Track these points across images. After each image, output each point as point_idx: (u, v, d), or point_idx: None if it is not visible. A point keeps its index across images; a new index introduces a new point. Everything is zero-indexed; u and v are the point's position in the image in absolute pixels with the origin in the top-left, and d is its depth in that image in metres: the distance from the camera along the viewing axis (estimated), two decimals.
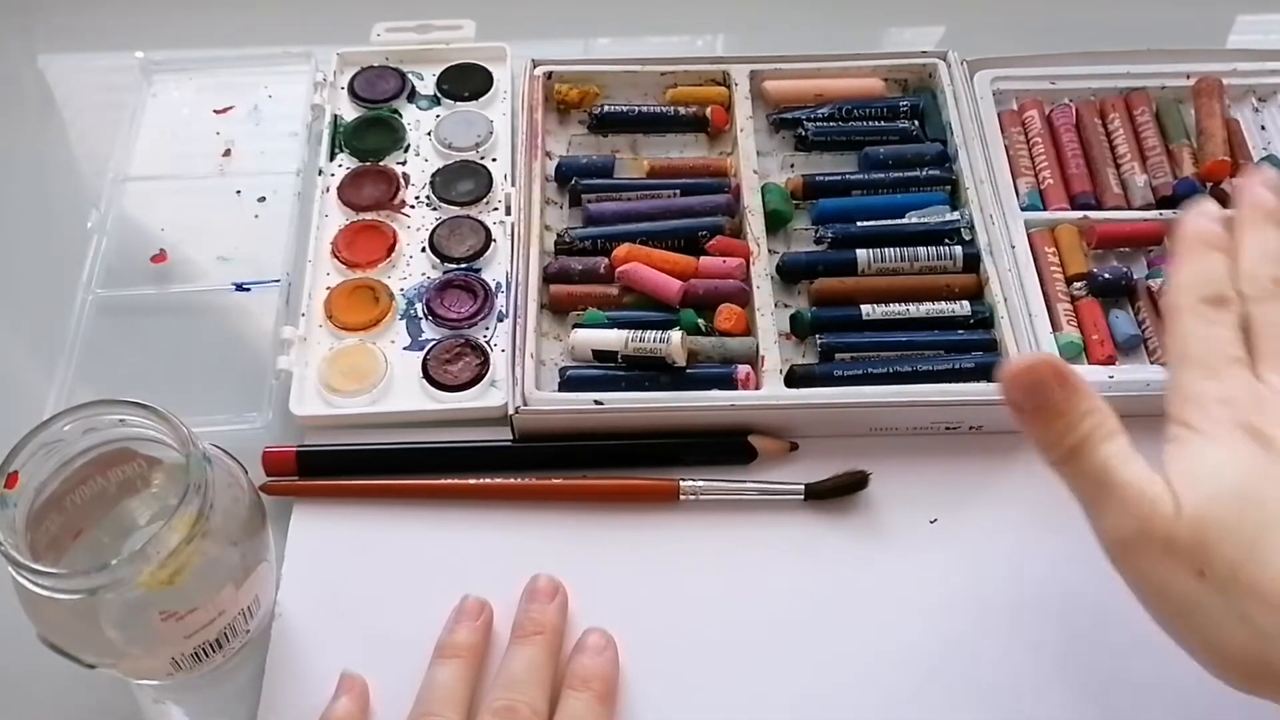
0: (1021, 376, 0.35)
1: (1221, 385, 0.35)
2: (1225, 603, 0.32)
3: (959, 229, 0.52)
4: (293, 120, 0.59)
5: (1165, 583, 0.33)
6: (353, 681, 0.41)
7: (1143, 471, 0.34)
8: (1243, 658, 0.32)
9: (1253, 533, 0.32)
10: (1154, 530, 0.32)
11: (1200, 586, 0.32)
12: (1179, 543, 0.32)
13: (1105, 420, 0.35)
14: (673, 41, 0.67)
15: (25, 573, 0.34)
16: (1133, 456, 0.34)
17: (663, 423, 0.47)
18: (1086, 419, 0.34)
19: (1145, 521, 0.33)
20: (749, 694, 0.42)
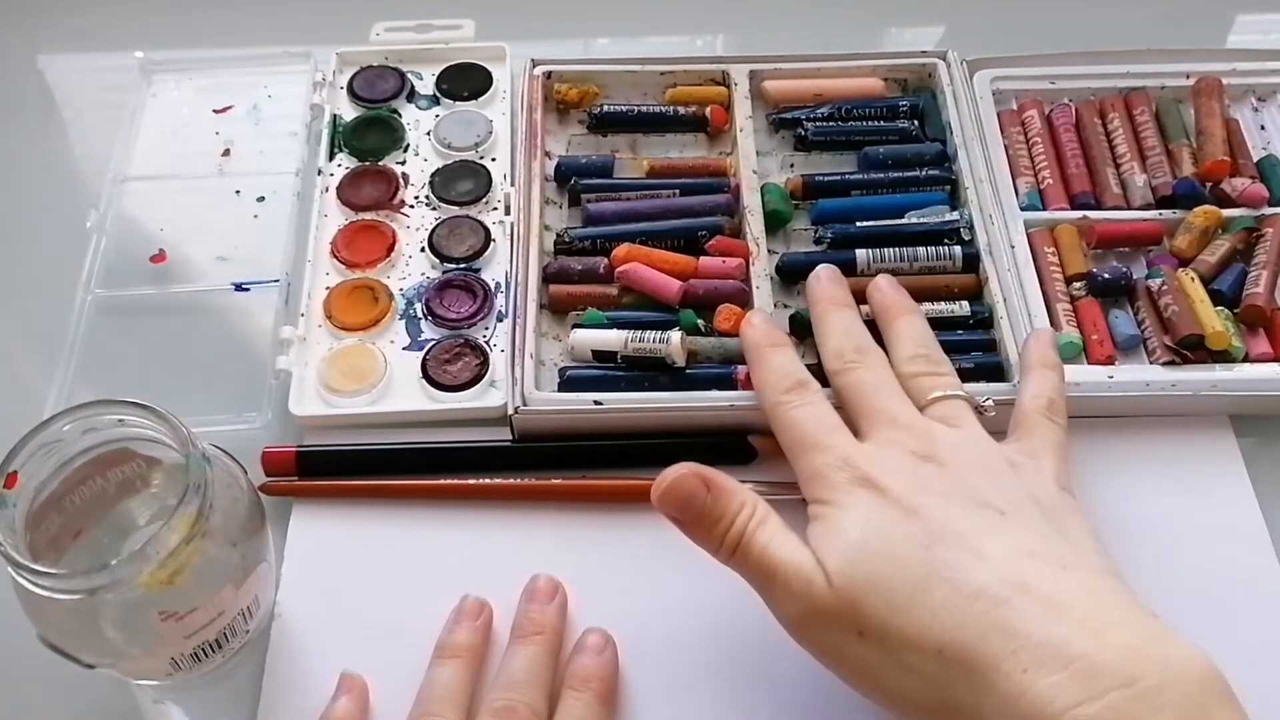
0: (670, 494, 0.38)
1: (832, 454, 0.39)
2: (887, 657, 0.34)
3: (958, 229, 0.52)
4: (292, 120, 0.59)
5: (836, 648, 0.36)
6: (352, 681, 0.41)
7: (796, 551, 0.37)
8: (920, 703, 0.34)
9: (888, 584, 0.35)
10: (813, 604, 0.36)
11: (864, 646, 0.35)
12: (834, 611, 0.35)
13: (756, 509, 0.38)
14: (672, 41, 0.67)
15: (25, 573, 0.34)
16: (786, 538, 0.37)
17: (663, 423, 0.47)
18: (739, 515, 0.38)
19: (805, 598, 0.36)
20: (749, 694, 0.42)
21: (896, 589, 0.34)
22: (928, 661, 0.33)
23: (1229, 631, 0.43)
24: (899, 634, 0.34)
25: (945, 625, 0.33)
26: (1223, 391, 0.48)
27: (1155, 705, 0.30)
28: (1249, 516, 0.46)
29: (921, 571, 0.34)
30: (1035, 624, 0.32)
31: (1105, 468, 0.48)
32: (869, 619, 0.35)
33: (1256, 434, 0.48)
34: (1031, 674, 0.31)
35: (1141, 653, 0.31)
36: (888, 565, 0.35)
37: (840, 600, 0.35)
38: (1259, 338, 0.49)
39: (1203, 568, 0.45)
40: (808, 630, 0.37)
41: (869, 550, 0.35)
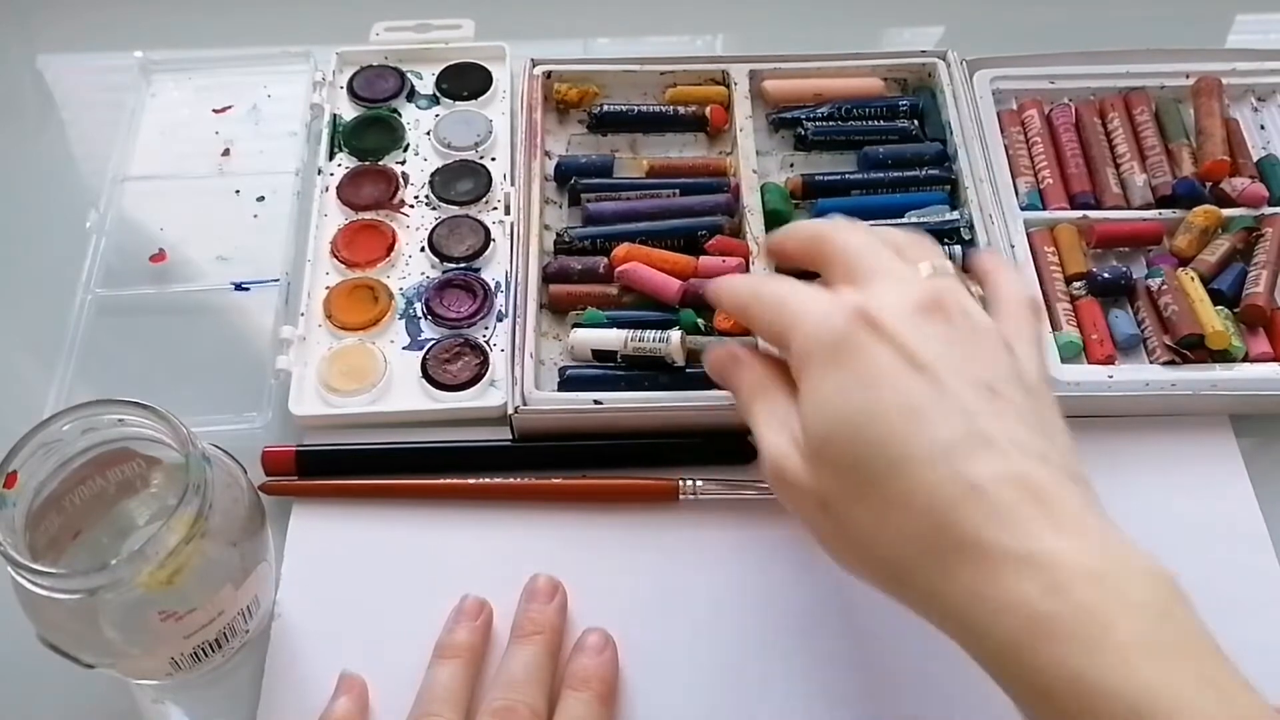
0: (711, 368, 0.43)
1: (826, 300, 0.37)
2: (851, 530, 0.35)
3: (958, 228, 0.52)
4: (292, 120, 0.59)
5: (808, 518, 0.37)
6: (352, 681, 0.41)
7: (779, 430, 0.37)
8: (884, 577, 0.35)
9: (866, 461, 0.34)
10: (784, 481, 0.36)
11: (830, 518, 0.35)
12: (806, 488, 0.35)
13: (760, 381, 0.39)
14: (672, 41, 0.67)
15: (24, 573, 0.34)
16: (771, 415, 0.38)
17: (662, 423, 0.47)
18: (744, 387, 0.40)
19: (777, 478, 0.37)
20: (749, 693, 0.42)
21: (869, 462, 0.33)
22: (893, 541, 0.33)
23: (1229, 631, 0.43)
24: (865, 515, 0.34)
25: (918, 507, 0.32)
26: (1223, 391, 0.48)
27: (1118, 601, 0.30)
28: (1249, 516, 0.46)
29: (903, 448, 0.33)
30: (1011, 514, 0.31)
31: (1105, 468, 0.47)
32: (838, 496, 0.34)
33: (1256, 434, 0.48)
34: (1002, 563, 0.30)
35: (1110, 553, 0.31)
36: (865, 435, 0.33)
37: (812, 478, 0.35)
38: (1259, 337, 0.49)
39: (1203, 568, 0.45)
40: (785, 499, 0.37)
41: (848, 420, 0.34)
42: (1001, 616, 0.30)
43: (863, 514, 0.34)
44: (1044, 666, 0.29)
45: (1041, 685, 0.29)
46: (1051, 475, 0.32)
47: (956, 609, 0.31)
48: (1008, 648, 0.30)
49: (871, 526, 0.33)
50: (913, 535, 0.32)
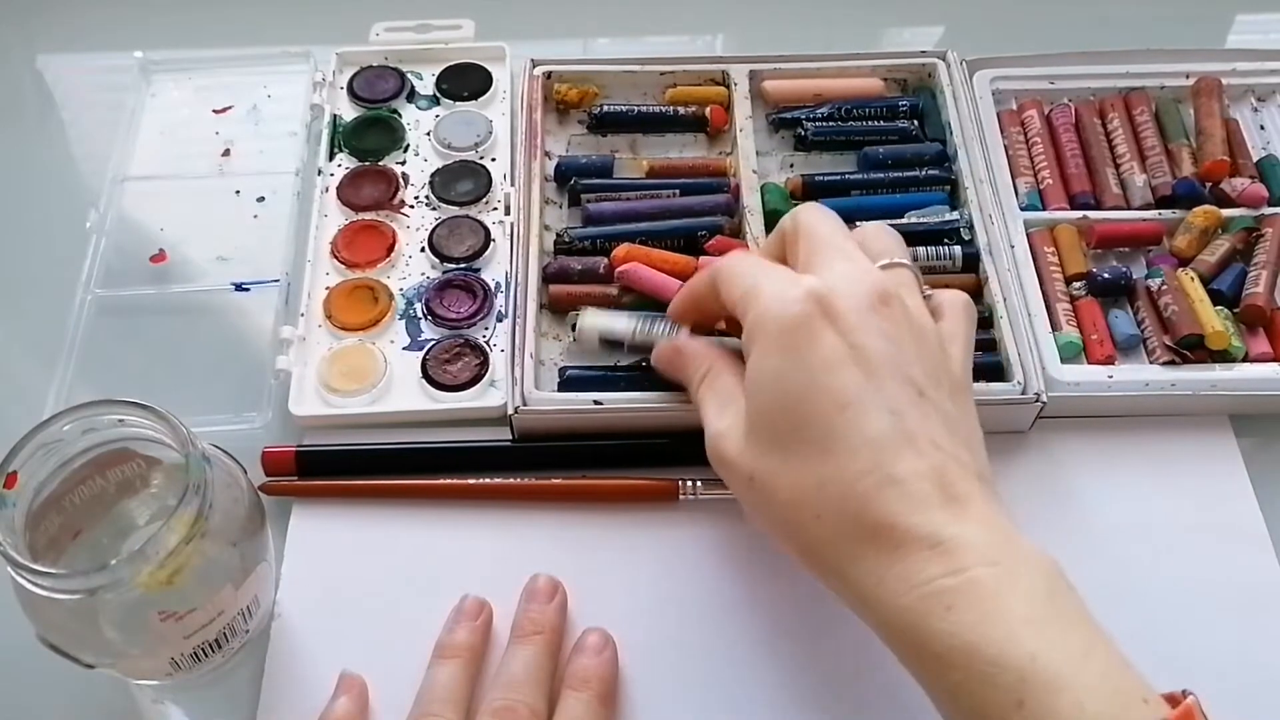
0: (659, 359, 0.45)
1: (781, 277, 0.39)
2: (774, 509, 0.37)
3: (958, 229, 0.52)
4: (292, 120, 0.59)
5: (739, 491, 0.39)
6: (352, 681, 0.41)
7: (718, 415, 0.39)
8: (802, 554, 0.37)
9: (789, 441, 0.36)
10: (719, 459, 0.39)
11: (754, 493, 0.37)
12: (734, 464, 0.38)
13: (710, 368, 0.41)
14: (672, 41, 0.67)
15: (24, 573, 0.34)
16: (713, 399, 0.40)
17: (663, 423, 0.47)
18: (695, 375, 0.42)
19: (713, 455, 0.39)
20: (748, 693, 0.42)
21: (798, 443, 0.36)
22: (811, 521, 0.35)
23: (1229, 631, 0.43)
24: (787, 492, 0.36)
25: (838, 492, 0.35)
26: (1222, 391, 0.48)
27: (1011, 583, 0.32)
28: (1249, 516, 0.46)
29: (832, 435, 0.35)
30: (923, 503, 0.34)
31: (1105, 468, 0.48)
32: (765, 471, 0.36)
33: (1256, 434, 0.48)
34: (904, 550, 0.33)
35: (1004, 543, 0.33)
36: (797, 417, 0.36)
37: (744, 454, 0.37)
38: (1259, 337, 0.49)
39: (1203, 568, 0.45)
40: (721, 474, 0.39)
41: (784, 401, 0.36)
42: (905, 593, 0.33)
43: (786, 489, 0.36)
44: (940, 637, 0.32)
45: (937, 654, 0.32)
46: (963, 474, 0.35)
47: (863, 587, 0.34)
48: (909, 622, 0.33)
49: (793, 502, 0.36)
50: (830, 516, 0.35)
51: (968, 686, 0.31)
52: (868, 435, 0.35)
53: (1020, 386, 0.47)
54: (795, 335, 0.36)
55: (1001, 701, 0.31)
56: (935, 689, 0.33)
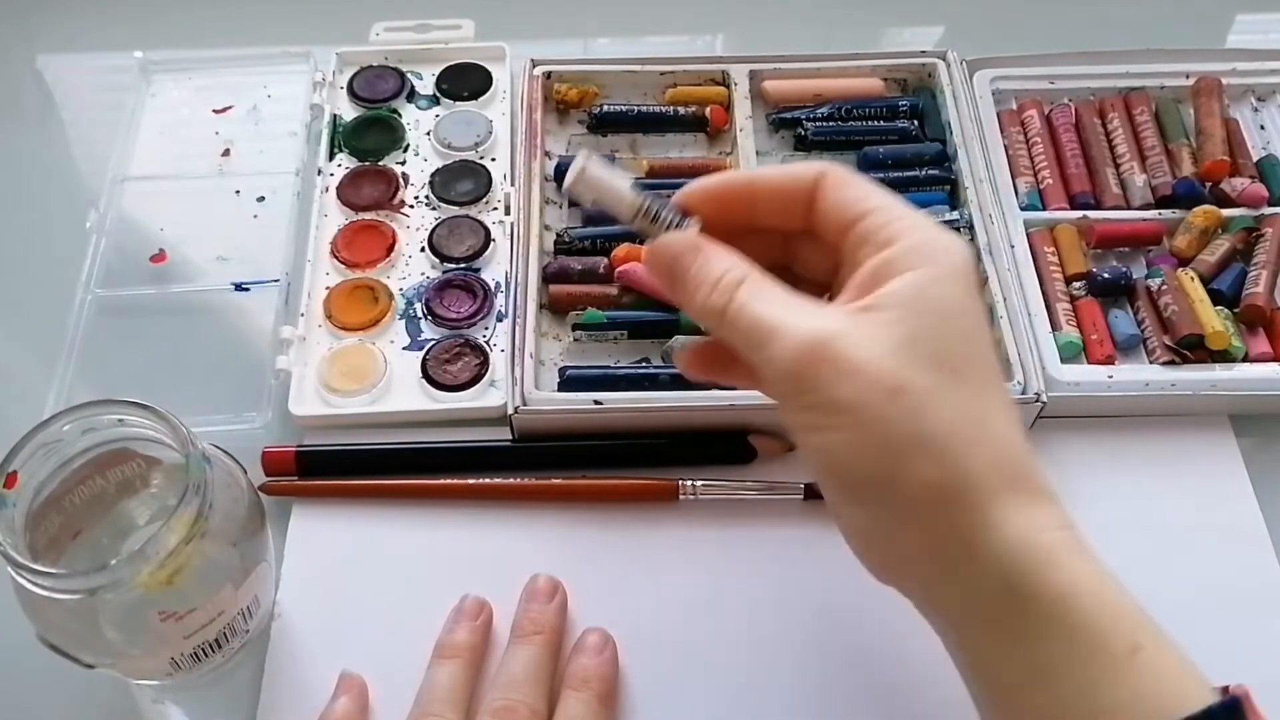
0: (658, 254, 0.35)
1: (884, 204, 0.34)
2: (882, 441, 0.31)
3: (958, 229, 0.52)
4: (292, 120, 0.59)
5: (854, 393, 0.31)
6: (352, 681, 0.41)
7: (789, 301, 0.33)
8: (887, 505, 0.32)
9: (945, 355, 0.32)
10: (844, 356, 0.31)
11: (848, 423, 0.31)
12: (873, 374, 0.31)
13: (749, 273, 0.33)
14: (672, 41, 0.67)
15: (24, 573, 0.34)
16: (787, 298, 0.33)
17: (662, 423, 0.47)
18: (726, 276, 0.33)
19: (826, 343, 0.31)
20: (749, 693, 0.42)
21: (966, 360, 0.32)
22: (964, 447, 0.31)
23: (1229, 631, 0.43)
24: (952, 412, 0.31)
25: (1002, 425, 0.32)
26: (1222, 391, 0.48)
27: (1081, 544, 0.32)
28: (1249, 516, 0.46)
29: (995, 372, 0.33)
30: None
31: (1105, 468, 0.48)
32: (920, 388, 0.31)
33: (1256, 434, 0.48)
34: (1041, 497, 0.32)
35: None
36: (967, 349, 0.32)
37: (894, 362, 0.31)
38: (1259, 337, 0.49)
39: (1203, 568, 0.45)
40: (814, 389, 0.32)
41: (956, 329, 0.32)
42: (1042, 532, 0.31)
43: (951, 411, 0.31)
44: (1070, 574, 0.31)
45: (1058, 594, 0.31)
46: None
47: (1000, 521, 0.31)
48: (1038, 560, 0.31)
49: (956, 424, 0.31)
50: (994, 443, 0.32)
51: (1084, 633, 0.30)
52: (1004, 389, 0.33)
53: (1020, 386, 0.47)
54: (971, 277, 0.33)
55: (1118, 647, 0.30)
56: (1025, 651, 0.31)
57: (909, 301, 0.32)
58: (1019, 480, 0.32)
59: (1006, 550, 0.31)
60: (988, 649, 0.32)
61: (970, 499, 0.31)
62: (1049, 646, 0.31)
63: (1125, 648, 0.30)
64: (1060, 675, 0.31)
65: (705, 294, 0.34)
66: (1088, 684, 0.30)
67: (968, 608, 0.32)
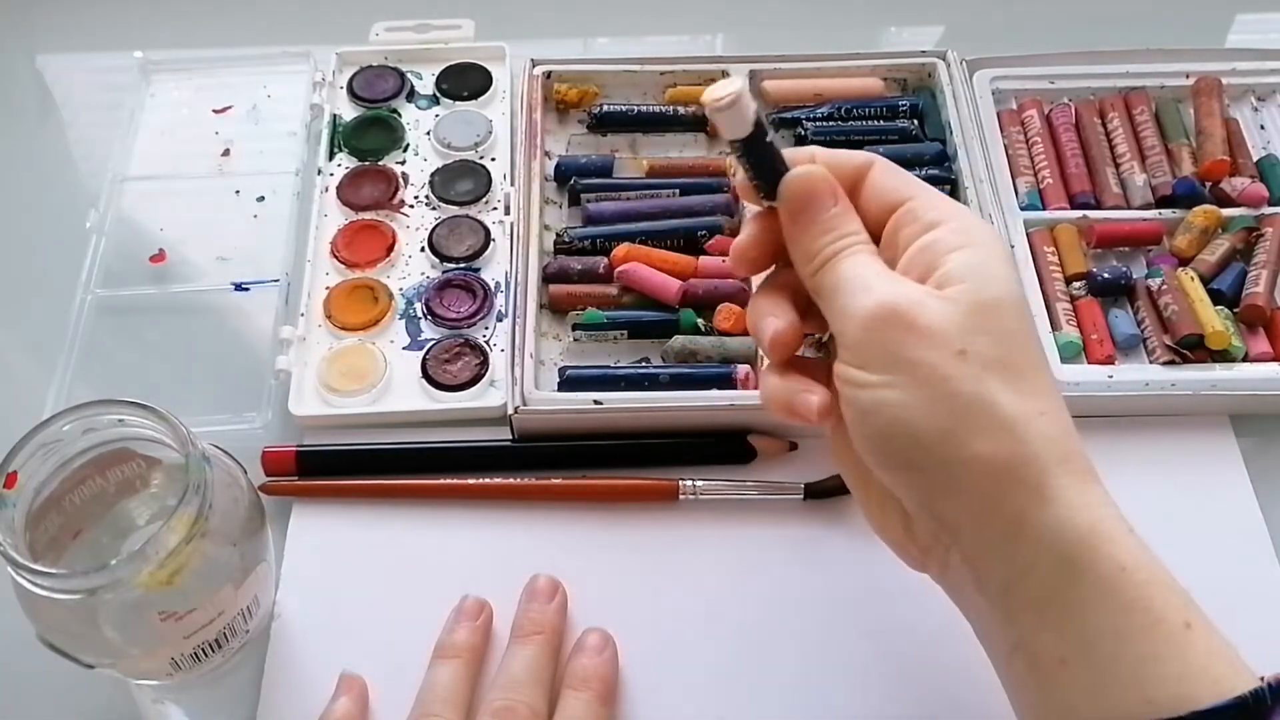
0: (801, 186, 0.36)
1: None
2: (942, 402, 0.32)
3: None
4: (292, 120, 0.59)
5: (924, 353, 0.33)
6: (352, 681, 0.41)
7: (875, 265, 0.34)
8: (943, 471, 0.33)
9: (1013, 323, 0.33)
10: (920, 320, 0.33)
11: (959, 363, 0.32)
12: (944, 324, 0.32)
13: (868, 242, 0.35)
14: (672, 41, 0.67)
15: (24, 573, 0.34)
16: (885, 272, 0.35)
17: (662, 423, 0.47)
18: (850, 235, 0.35)
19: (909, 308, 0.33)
20: (748, 693, 0.42)
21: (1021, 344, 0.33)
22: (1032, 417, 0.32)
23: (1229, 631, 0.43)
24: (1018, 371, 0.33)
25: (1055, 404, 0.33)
26: (1222, 391, 0.48)
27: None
28: (1249, 516, 0.46)
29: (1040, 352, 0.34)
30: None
31: (1105, 468, 0.47)
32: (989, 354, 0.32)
33: (1256, 434, 0.48)
34: (1091, 476, 0.33)
35: None
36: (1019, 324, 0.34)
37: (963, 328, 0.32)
38: (1259, 337, 0.49)
39: (1203, 568, 0.45)
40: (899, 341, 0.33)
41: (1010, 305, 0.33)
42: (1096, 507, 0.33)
43: (1006, 376, 0.32)
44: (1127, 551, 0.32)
45: (1120, 567, 0.32)
46: None
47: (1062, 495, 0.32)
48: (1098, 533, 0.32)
49: (1010, 389, 0.32)
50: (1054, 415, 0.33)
51: (1140, 604, 0.31)
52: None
53: None
54: (1011, 257, 0.36)
55: (1172, 621, 0.31)
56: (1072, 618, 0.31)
57: (969, 279, 0.33)
58: (1071, 458, 0.33)
59: (1063, 524, 0.32)
60: (1034, 624, 0.32)
61: (1027, 471, 0.32)
62: (1102, 621, 0.31)
63: (1179, 623, 0.31)
64: (1110, 649, 0.31)
65: (828, 240, 0.35)
66: (1138, 659, 0.31)
67: (1016, 581, 0.32)
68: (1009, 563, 0.32)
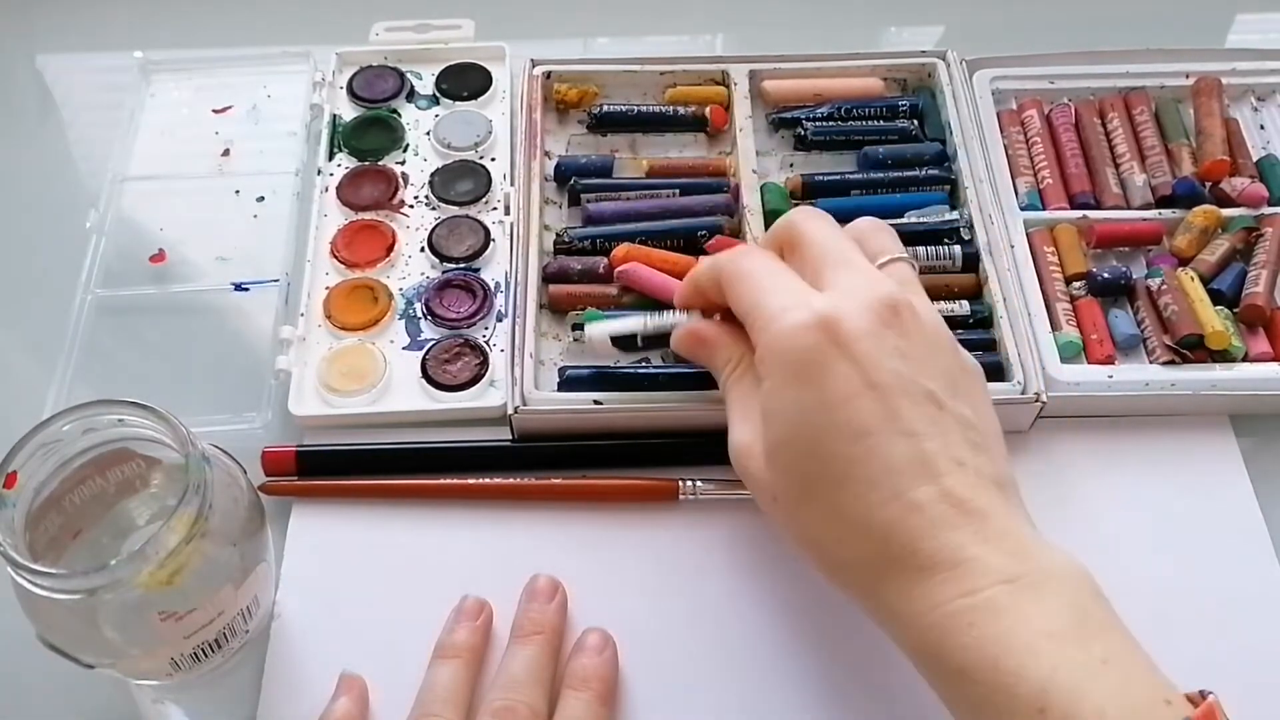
0: (679, 347, 0.44)
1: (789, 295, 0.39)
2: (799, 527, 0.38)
3: (958, 228, 0.52)
4: (291, 120, 0.59)
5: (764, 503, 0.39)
6: (352, 681, 0.41)
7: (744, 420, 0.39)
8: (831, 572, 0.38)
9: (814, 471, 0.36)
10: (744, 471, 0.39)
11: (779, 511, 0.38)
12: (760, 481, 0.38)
13: (740, 361, 0.40)
14: (672, 41, 0.67)
15: (24, 573, 0.34)
16: (747, 403, 0.39)
17: (662, 423, 0.47)
18: (725, 367, 0.41)
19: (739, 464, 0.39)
20: (748, 693, 0.42)
21: (818, 475, 0.36)
22: (835, 543, 0.36)
23: (1229, 631, 0.43)
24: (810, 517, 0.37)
25: (861, 520, 0.35)
26: (1222, 391, 0.48)
27: (1032, 597, 0.33)
28: (1249, 516, 0.46)
29: (851, 468, 0.35)
30: (943, 527, 0.34)
31: (1105, 468, 0.48)
32: (788, 496, 0.37)
33: (1256, 434, 0.48)
34: (927, 572, 0.34)
35: (1026, 556, 0.34)
36: (816, 451, 0.36)
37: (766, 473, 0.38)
38: (1259, 337, 0.49)
39: (1203, 568, 0.45)
40: (746, 484, 0.39)
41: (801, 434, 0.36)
42: (929, 612, 0.34)
43: (809, 515, 0.37)
44: (963, 652, 0.33)
45: (960, 668, 0.33)
46: (983, 487, 0.35)
47: (889, 606, 0.35)
48: (934, 639, 0.33)
49: (816, 527, 0.37)
50: (853, 542, 0.35)
51: (992, 700, 0.32)
52: (887, 464, 0.35)
53: (1020, 386, 0.47)
54: (809, 369, 0.36)
55: (1023, 711, 0.31)
56: (958, 705, 0.34)
57: (766, 417, 0.38)
58: (898, 561, 0.34)
59: (908, 627, 0.34)
60: (930, 681, 0.35)
61: (859, 585, 0.36)
62: (973, 700, 0.33)
63: (1032, 713, 0.31)
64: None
65: (719, 377, 0.42)
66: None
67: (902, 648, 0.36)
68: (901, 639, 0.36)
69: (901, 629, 0.35)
